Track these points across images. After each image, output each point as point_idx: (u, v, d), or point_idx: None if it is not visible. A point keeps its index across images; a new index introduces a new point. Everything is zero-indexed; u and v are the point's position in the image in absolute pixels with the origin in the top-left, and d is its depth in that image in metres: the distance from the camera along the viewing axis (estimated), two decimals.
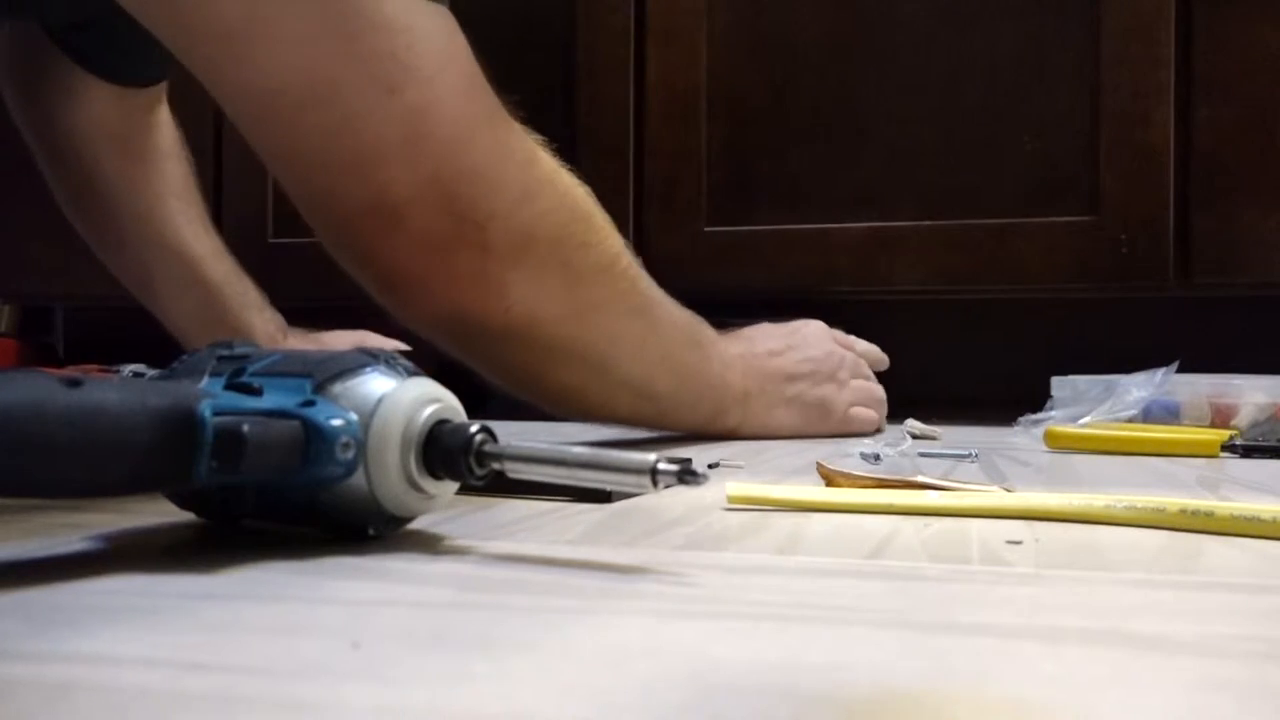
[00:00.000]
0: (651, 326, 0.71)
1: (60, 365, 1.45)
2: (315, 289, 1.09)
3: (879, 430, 0.90)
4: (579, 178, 0.65)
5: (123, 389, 0.31)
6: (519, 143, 0.61)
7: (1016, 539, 0.39)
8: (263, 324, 1.00)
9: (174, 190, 1.00)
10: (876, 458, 0.65)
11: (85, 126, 0.95)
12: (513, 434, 0.37)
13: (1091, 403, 0.86)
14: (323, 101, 0.55)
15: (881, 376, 1.23)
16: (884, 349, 1.24)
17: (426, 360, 1.16)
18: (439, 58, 0.57)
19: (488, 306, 0.60)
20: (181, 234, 0.99)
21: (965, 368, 1.26)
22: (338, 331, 1.06)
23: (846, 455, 0.66)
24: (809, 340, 0.87)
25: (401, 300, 0.61)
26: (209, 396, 0.33)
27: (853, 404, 0.88)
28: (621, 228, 1.13)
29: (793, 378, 0.84)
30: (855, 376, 0.90)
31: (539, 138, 0.62)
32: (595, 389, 0.69)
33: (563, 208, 0.63)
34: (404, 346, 1.09)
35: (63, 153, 0.97)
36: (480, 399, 1.19)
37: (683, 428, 0.78)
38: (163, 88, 1.00)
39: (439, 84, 0.57)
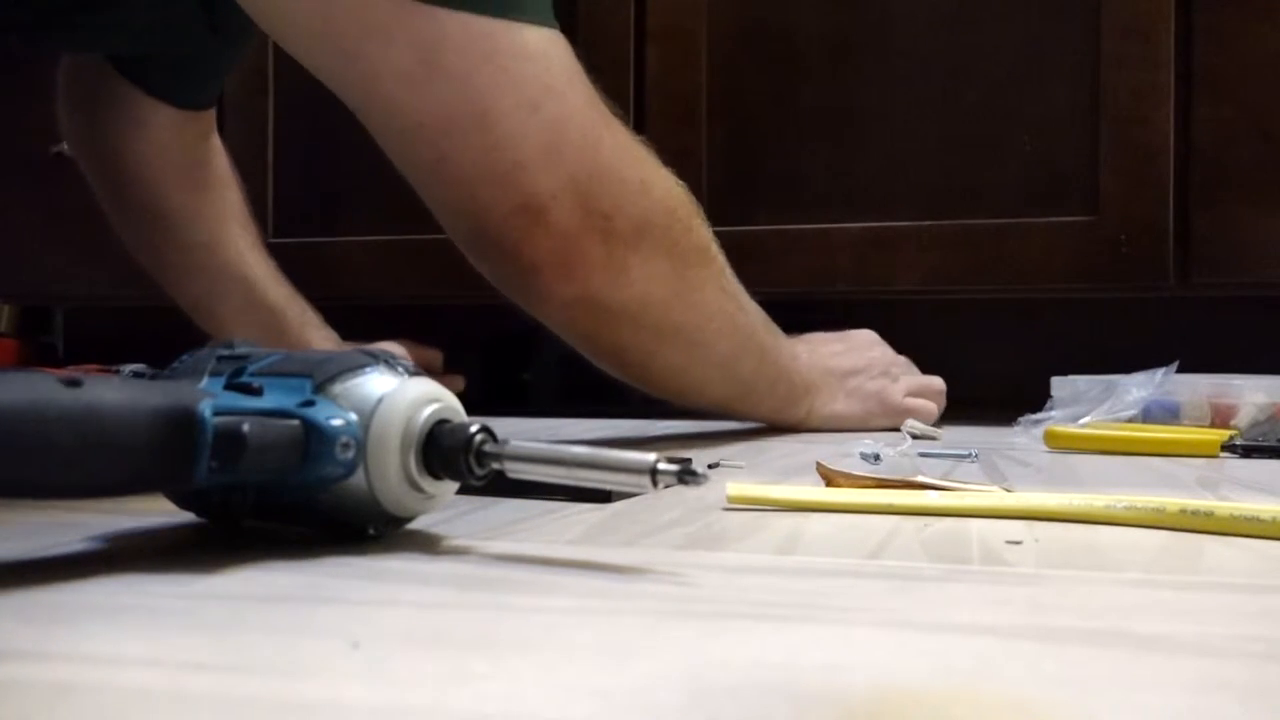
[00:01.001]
0: (739, 306, 0.78)
1: (60, 365, 1.44)
2: (315, 288, 1.09)
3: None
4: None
5: (123, 389, 0.31)
6: (632, 142, 0.69)
7: (1016, 539, 0.39)
8: (320, 340, 1.04)
9: (235, 217, 1.04)
10: (876, 458, 0.65)
11: (152, 157, 0.98)
12: (513, 435, 0.37)
13: (1091, 403, 0.86)
14: (481, 125, 0.63)
15: None
16: None
17: (469, 361, 1.16)
18: (567, 75, 0.65)
19: (611, 286, 0.68)
20: (244, 259, 1.02)
21: (965, 368, 1.26)
22: (383, 343, 1.08)
23: (846, 455, 0.66)
24: (861, 342, 0.94)
25: (541, 288, 0.67)
26: (209, 396, 0.33)
27: (908, 394, 0.94)
28: None
29: (850, 372, 0.91)
30: (907, 374, 0.96)
31: (641, 137, 0.70)
32: (694, 368, 0.77)
33: (670, 196, 0.71)
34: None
35: (129, 184, 1.00)
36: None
37: (760, 413, 0.85)
38: (214, 113, 1.03)
39: (570, 98, 0.65)
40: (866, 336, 0.96)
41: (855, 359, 0.92)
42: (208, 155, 1.02)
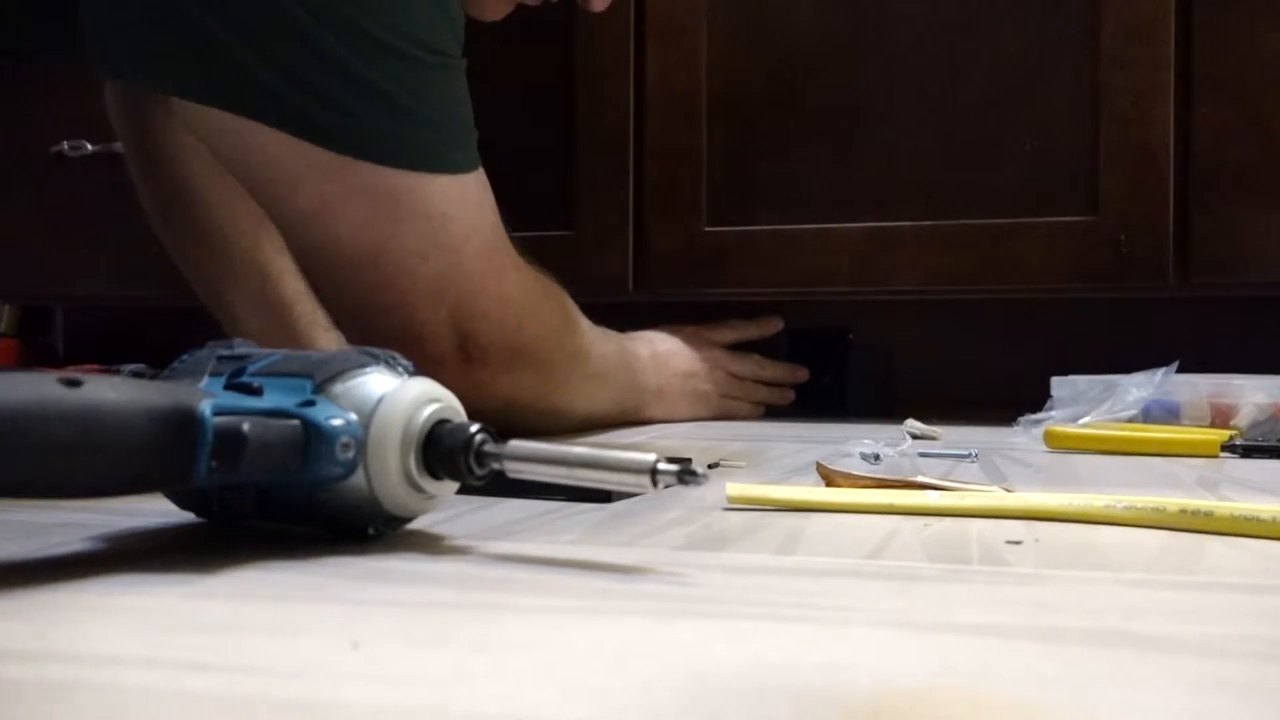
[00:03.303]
0: (601, 381, 0.90)
1: (60, 365, 1.44)
2: None
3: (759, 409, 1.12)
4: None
5: (123, 389, 0.31)
6: (519, 283, 0.78)
7: (1016, 539, 0.39)
8: (327, 342, 1.04)
9: (255, 208, 1.02)
10: (876, 458, 0.65)
11: (183, 138, 0.98)
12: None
13: (1091, 403, 0.86)
14: (373, 265, 0.71)
15: (882, 376, 1.23)
16: (884, 349, 1.24)
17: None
18: (463, 232, 0.73)
19: (480, 398, 0.72)
20: (260, 249, 1.02)
21: (965, 368, 1.26)
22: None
23: (846, 455, 0.66)
24: (689, 342, 1.07)
25: None
26: (209, 396, 0.33)
27: (723, 396, 1.08)
28: (621, 227, 1.14)
29: (687, 375, 1.05)
30: (727, 370, 1.09)
31: (536, 266, 0.80)
32: (558, 427, 0.87)
33: (546, 326, 0.81)
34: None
35: (159, 163, 1.00)
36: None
37: (616, 426, 0.96)
38: None
39: (462, 252, 0.73)
40: (689, 333, 1.08)
41: (687, 360, 1.05)
42: None
